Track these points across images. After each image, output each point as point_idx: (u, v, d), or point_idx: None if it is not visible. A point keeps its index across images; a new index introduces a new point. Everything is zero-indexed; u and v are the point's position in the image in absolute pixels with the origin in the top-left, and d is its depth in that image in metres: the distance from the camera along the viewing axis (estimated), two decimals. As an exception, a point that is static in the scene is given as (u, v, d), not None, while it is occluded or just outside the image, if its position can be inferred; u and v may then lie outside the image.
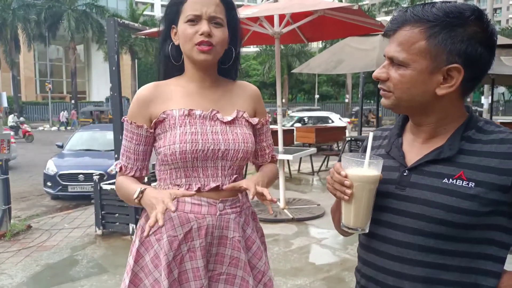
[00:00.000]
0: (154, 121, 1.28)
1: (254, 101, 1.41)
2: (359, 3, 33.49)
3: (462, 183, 0.88)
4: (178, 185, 1.28)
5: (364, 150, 1.06)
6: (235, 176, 1.31)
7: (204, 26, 1.23)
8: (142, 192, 1.19)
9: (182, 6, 1.26)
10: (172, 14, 1.29)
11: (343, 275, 3.37)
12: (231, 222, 1.30)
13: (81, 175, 6.88)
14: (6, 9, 29.09)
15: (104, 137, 8.40)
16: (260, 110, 1.43)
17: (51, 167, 7.08)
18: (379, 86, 0.97)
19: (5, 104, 22.61)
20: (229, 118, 1.30)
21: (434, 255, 0.90)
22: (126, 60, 31.29)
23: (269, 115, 1.49)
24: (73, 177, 6.90)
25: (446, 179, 0.90)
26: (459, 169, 0.90)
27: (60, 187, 6.90)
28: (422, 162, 0.94)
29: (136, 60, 32.62)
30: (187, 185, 1.27)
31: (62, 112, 28.35)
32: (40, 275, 3.44)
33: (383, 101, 0.98)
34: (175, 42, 1.31)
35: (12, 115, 21.72)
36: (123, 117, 1.34)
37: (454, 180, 0.89)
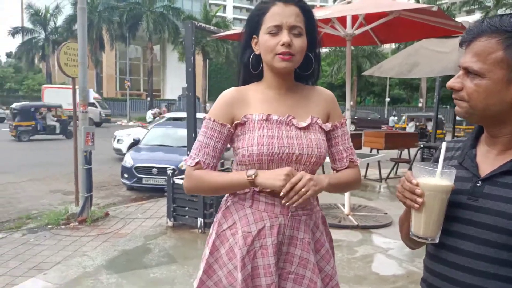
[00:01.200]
0: (235, 122, 1.36)
1: (329, 105, 1.43)
2: (438, 3, 31.71)
3: None
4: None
5: (436, 161, 1.06)
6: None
7: (285, 37, 1.28)
8: (252, 176, 1.27)
9: (264, 17, 1.32)
10: (253, 24, 1.36)
11: (410, 288, 3.24)
12: (302, 223, 1.35)
13: (154, 168, 7.30)
14: (93, 11, 31.68)
15: (176, 133, 8.86)
16: (336, 113, 1.44)
17: (128, 160, 7.59)
18: (453, 96, 0.97)
19: (91, 100, 24.54)
20: (303, 124, 1.35)
21: (507, 268, 0.88)
22: (198, 60, 32.53)
23: (345, 118, 1.48)
24: (147, 170, 7.34)
25: None
26: None
27: (136, 179, 7.37)
28: (497, 173, 0.93)
29: (207, 61, 33.77)
30: (262, 186, 1.32)
31: (156, 109, 29.83)
32: (117, 260, 3.74)
33: (457, 109, 0.97)
34: (256, 52, 1.37)
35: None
36: (204, 115, 1.41)
37: None
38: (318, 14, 4.14)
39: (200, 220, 4.44)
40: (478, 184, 0.95)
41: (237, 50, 1.56)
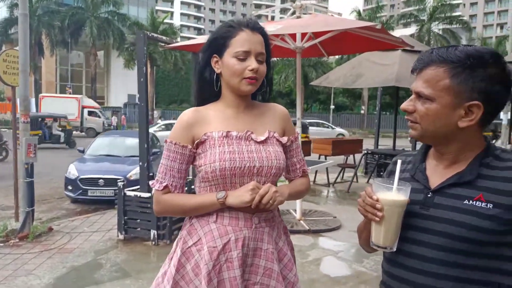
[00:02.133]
0: (196, 141, 1.40)
1: (283, 121, 1.53)
2: (378, 15, 33.55)
3: (482, 204, 0.98)
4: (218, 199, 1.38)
5: (389, 174, 1.19)
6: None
7: (253, 63, 1.36)
8: (221, 200, 1.35)
9: (230, 40, 1.38)
10: (217, 46, 1.41)
11: (360, 288, 3.41)
12: (265, 234, 1.41)
13: (101, 179, 7.04)
14: (32, 15, 29.87)
15: (123, 143, 8.60)
16: (289, 129, 1.54)
17: (73, 171, 7.26)
18: (406, 117, 1.08)
19: (33, 109, 23.24)
20: (262, 138, 1.42)
21: (455, 269, 0.99)
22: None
23: (297, 132, 1.59)
24: (93, 182, 7.06)
25: (466, 200, 1.00)
26: (478, 192, 0.99)
27: (81, 191, 7.06)
28: (445, 185, 1.04)
29: (154, 68, 33.15)
30: (232, 206, 1.37)
31: (113, 117, 28.24)
32: (66, 277, 3.58)
33: (411, 132, 1.08)
34: (216, 71, 1.43)
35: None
36: (165, 139, 1.45)
37: (474, 202, 0.99)
38: (269, 28, 4.25)
39: (153, 232, 4.36)
40: (429, 195, 1.06)
41: (188, 60, 1.61)
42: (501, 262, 0.99)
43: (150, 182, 1.50)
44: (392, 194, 1.04)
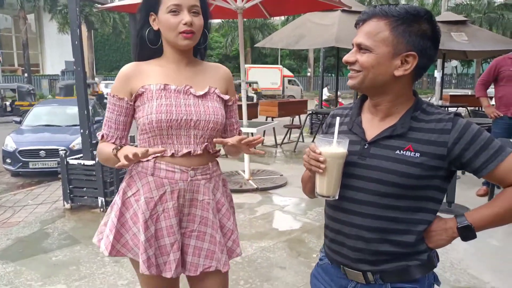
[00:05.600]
0: (134, 94, 1.44)
1: (226, 81, 1.59)
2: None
3: (410, 153, 1.12)
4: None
5: (328, 127, 1.31)
6: (205, 144, 1.49)
7: (186, 17, 1.39)
8: (119, 148, 1.37)
9: None
10: (151, 3, 1.43)
11: (303, 237, 3.67)
12: (201, 187, 1.50)
13: (42, 151, 6.77)
14: None
15: (64, 112, 8.22)
16: (231, 90, 1.61)
17: (10, 143, 6.89)
18: (348, 67, 1.17)
19: None
20: (201, 93, 1.48)
21: (388, 210, 1.14)
22: (82, 31, 29.80)
23: (238, 94, 1.67)
24: (34, 153, 6.77)
25: (398, 150, 1.13)
26: (408, 143, 1.13)
27: (21, 163, 6.76)
28: (380, 137, 1.16)
29: (92, 32, 31.18)
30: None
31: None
32: (12, 248, 3.51)
33: (349, 82, 1.18)
34: (154, 28, 1.45)
35: None
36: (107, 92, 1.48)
37: (404, 152, 1.12)
38: (208, -14, 4.19)
39: (100, 199, 4.34)
40: (365, 147, 1.17)
41: (128, 23, 1.62)
42: (426, 202, 1.15)
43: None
44: (333, 147, 1.14)
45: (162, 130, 1.42)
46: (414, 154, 1.11)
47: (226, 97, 1.56)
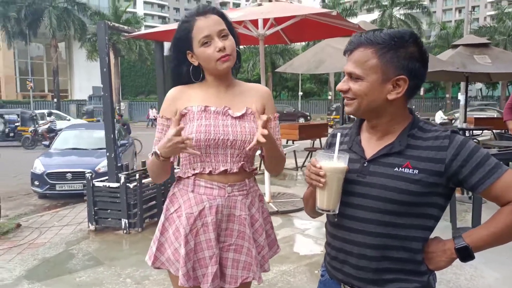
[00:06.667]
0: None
1: (264, 98, 1.64)
2: (342, 1, 33.95)
3: (409, 170, 1.13)
4: (194, 169, 1.54)
5: (329, 146, 1.35)
6: (242, 163, 1.56)
7: (218, 43, 1.48)
8: (156, 150, 1.44)
9: (191, 34, 1.51)
10: (183, 43, 1.54)
11: (325, 262, 3.62)
12: (238, 202, 1.57)
13: (69, 173, 6.98)
14: (-16, 6, 28.54)
15: (90, 136, 8.49)
16: (270, 107, 1.65)
17: (39, 166, 7.15)
18: (343, 95, 1.22)
19: None
20: (238, 114, 1.56)
21: (389, 227, 1.15)
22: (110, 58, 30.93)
23: (277, 114, 1.68)
24: (60, 176, 6.99)
25: (396, 168, 1.15)
26: (406, 160, 1.15)
27: (48, 185, 6.98)
28: (378, 155, 1.19)
29: (119, 59, 32.33)
30: (201, 168, 1.54)
31: (151, 109, 27.17)
32: (38, 268, 3.59)
33: (346, 108, 1.23)
34: (195, 64, 1.56)
35: None
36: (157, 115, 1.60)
37: (403, 169, 1.14)
38: (232, 15, 4.34)
39: (124, 221, 4.42)
40: (365, 165, 1.19)
41: (153, 50, 1.71)
42: (425, 219, 1.16)
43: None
44: (333, 162, 1.18)
45: (200, 149, 1.50)
46: (413, 171, 1.12)
47: (264, 117, 1.58)
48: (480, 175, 1.10)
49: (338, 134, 1.25)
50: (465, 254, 1.13)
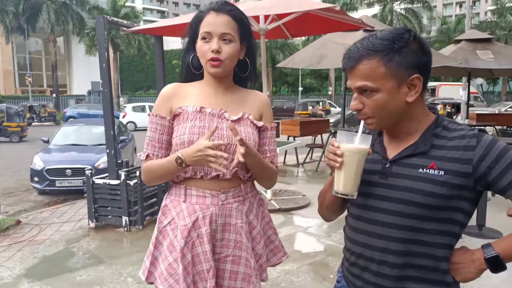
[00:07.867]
0: (173, 114, 1.47)
1: (262, 107, 1.56)
2: (342, -3, 33.76)
3: (434, 171, 1.07)
4: (185, 173, 1.45)
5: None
6: (236, 168, 1.46)
7: (214, 44, 1.40)
8: (181, 156, 1.35)
9: (200, 24, 1.44)
10: (193, 30, 1.47)
11: (327, 260, 3.59)
12: (233, 210, 1.48)
13: (68, 169, 6.92)
14: (-18, 1, 28.34)
15: (90, 132, 8.41)
16: (267, 116, 1.57)
17: (38, 162, 7.08)
18: (359, 116, 1.14)
19: None
20: (234, 118, 1.47)
21: (412, 232, 1.09)
22: (109, 54, 30.77)
23: (275, 124, 1.60)
24: (60, 172, 6.93)
25: (421, 169, 1.09)
26: (431, 160, 1.09)
27: (48, 182, 6.92)
28: (401, 156, 1.13)
29: (118, 53, 32.16)
30: (192, 173, 1.44)
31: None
32: (38, 267, 3.56)
33: (369, 127, 1.15)
34: (197, 55, 1.48)
35: None
36: (148, 113, 1.50)
37: (428, 170, 1.08)
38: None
39: (124, 219, 4.37)
40: (387, 166, 1.13)
41: (152, 44, 1.64)
42: (451, 225, 1.09)
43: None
44: (353, 142, 1.10)
45: None
46: (438, 172, 1.06)
47: (260, 123, 1.53)
48: (510, 177, 1.03)
49: (362, 121, 1.16)
50: (496, 264, 1.06)
